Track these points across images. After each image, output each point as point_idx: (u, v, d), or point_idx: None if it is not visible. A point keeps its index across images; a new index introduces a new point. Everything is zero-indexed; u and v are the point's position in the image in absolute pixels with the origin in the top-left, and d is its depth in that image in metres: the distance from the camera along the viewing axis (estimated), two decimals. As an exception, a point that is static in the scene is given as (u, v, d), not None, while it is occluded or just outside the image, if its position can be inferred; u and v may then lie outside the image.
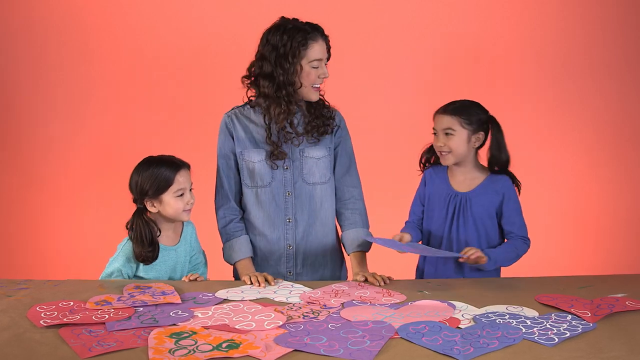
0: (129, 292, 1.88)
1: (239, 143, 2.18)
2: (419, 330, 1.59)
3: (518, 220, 2.18)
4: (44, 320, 1.64)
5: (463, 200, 2.19)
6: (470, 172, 2.22)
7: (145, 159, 2.11)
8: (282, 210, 2.18)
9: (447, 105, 2.19)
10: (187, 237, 2.19)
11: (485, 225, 2.19)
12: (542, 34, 3.62)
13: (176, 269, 2.16)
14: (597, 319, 1.66)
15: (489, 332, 1.57)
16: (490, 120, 2.18)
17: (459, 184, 2.23)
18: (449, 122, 2.16)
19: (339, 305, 1.81)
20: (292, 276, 2.23)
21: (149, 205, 2.08)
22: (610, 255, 3.69)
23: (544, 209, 3.65)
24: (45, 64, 3.68)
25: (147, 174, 2.05)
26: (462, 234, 2.19)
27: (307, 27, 2.09)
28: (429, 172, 2.31)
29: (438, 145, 2.19)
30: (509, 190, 2.17)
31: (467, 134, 2.16)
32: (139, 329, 1.60)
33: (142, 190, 2.05)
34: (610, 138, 3.68)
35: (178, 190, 2.07)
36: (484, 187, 2.19)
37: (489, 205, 2.17)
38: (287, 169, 2.17)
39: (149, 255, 2.05)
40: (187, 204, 2.09)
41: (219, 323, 1.64)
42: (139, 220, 2.06)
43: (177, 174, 2.07)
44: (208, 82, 3.63)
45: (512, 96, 3.64)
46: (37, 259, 3.76)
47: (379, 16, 3.63)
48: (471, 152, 2.20)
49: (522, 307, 1.78)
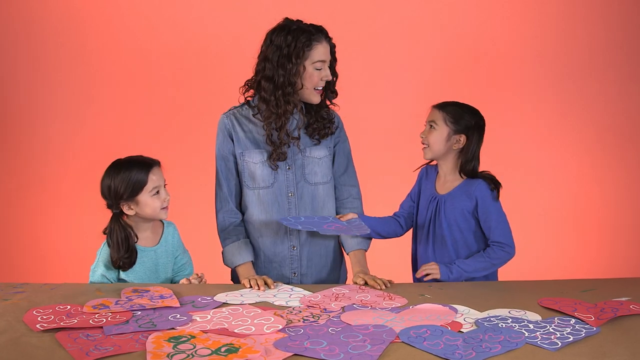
0: (127, 296, 1.87)
1: (239, 144, 2.17)
2: (421, 334, 1.58)
3: (495, 224, 2.12)
4: (41, 324, 1.63)
5: (440, 202, 2.20)
6: (449, 174, 2.23)
7: (113, 162, 2.09)
8: (285, 211, 2.17)
9: (446, 102, 2.21)
10: (167, 237, 2.18)
11: (460, 228, 2.17)
12: (543, 34, 3.62)
13: (158, 270, 2.14)
14: (601, 323, 1.65)
15: (491, 336, 1.57)
16: (476, 127, 2.16)
17: (440, 186, 2.24)
18: (435, 115, 2.18)
19: (339, 309, 1.80)
20: (296, 277, 2.22)
21: (126, 209, 2.06)
22: (614, 258, 3.69)
23: (544, 211, 3.65)
24: (45, 65, 3.67)
25: (119, 177, 2.03)
26: (438, 236, 2.20)
27: (312, 28, 2.08)
28: (423, 170, 2.33)
29: (421, 136, 2.22)
30: (483, 194, 2.13)
31: (448, 132, 2.16)
32: (137, 333, 1.59)
33: (117, 194, 2.03)
34: (611, 139, 3.68)
35: (153, 189, 2.06)
36: (457, 191, 2.18)
37: (462, 209, 2.16)
38: (289, 169, 2.17)
39: (125, 262, 2.04)
40: (163, 201, 2.08)
41: (217, 327, 1.63)
42: (116, 226, 2.05)
43: (150, 173, 2.06)
44: (208, 83, 3.62)
45: (512, 97, 3.64)
46: (36, 261, 3.75)
47: (378, 17, 3.63)
48: (451, 153, 2.19)
49: (525, 310, 1.77)
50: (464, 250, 2.17)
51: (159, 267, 2.14)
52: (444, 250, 2.18)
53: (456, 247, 2.17)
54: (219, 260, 2.23)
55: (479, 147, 2.18)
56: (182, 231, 2.25)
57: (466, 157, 2.16)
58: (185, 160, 3.55)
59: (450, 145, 2.17)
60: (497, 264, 2.12)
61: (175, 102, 3.69)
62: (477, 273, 2.12)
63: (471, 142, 2.16)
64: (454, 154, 2.19)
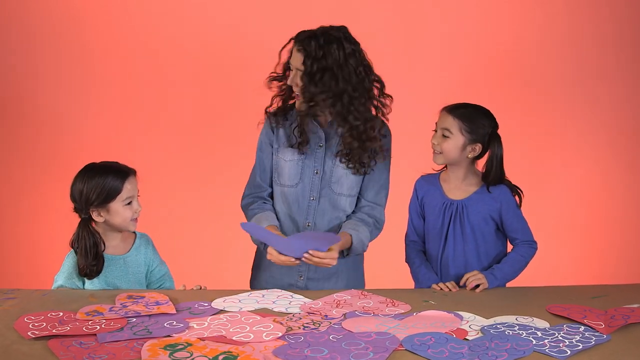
0: (122, 302, 1.87)
1: (277, 139, 2.21)
2: (425, 341, 1.58)
3: (520, 225, 2.19)
4: (32, 332, 1.63)
5: (459, 207, 2.19)
6: (466, 178, 2.22)
7: (87, 166, 2.08)
8: (303, 213, 2.19)
9: (457, 105, 2.18)
10: (140, 248, 2.16)
11: (483, 233, 2.19)
12: (551, 38, 3.63)
13: (128, 280, 2.11)
14: (612, 331, 1.65)
15: (497, 344, 1.57)
16: (492, 135, 2.16)
17: (453, 191, 2.22)
18: (449, 124, 2.15)
19: (340, 315, 1.80)
20: (302, 281, 2.22)
21: (95, 215, 2.05)
22: (624, 264, 3.68)
23: (553, 216, 3.65)
24: (41, 66, 3.67)
25: (93, 182, 2.02)
26: (458, 244, 2.19)
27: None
28: (419, 182, 2.31)
29: (433, 142, 2.19)
30: (507, 197, 2.17)
31: (464, 141, 2.15)
32: (132, 340, 1.59)
33: (88, 199, 2.02)
34: (623, 143, 3.68)
35: (127, 198, 2.05)
36: (480, 194, 2.18)
37: (486, 213, 2.17)
38: (317, 174, 2.18)
39: (92, 269, 2.03)
40: (134, 212, 2.08)
41: (215, 334, 1.63)
42: (84, 232, 2.04)
43: (126, 182, 2.05)
44: (208, 83, 3.62)
45: (521, 101, 3.63)
46: (27, 266, 3.75)
47: (380, 16, 3.63)
48: (465, 160, 2.19)
49: (533, 317, 1.77)
50: (483, 255, 2.19)
51: (129, 275, 2.12)
52: (470, 254, 2.20)
53: (478, 251, 2.19)
54: (218, 265, 2.22)
55: (501, 152, 2.15)
56: (158, 243, 2.25)
57: (490, 166, 2.16)
58: (184, 161, 3.57)
59: (465, 154, 2.17)
60: (528, 262, 2.19)
61: (175, 103, 3.68)
62: (516, 274, 2.17)
63: (491, 151, 2.15)
64: (469, 160, 2.19)
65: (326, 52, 2.04)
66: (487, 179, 2.18)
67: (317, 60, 2.04)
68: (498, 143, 2.16)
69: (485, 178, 2.19)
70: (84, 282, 2.07)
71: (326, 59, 2.03)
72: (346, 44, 2.05)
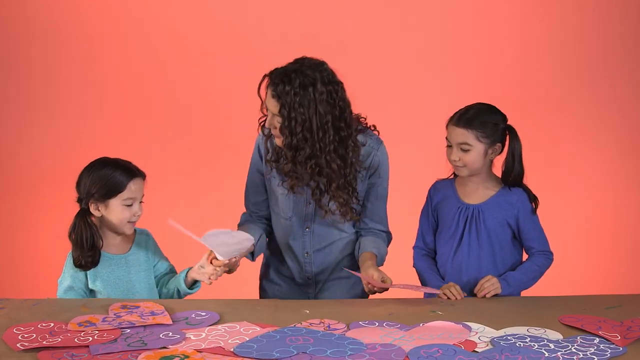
0: (115, 312, 1.85)
1: (267, 169, 2.17)
2: (432, 354, 1.56)
3: (537, 234, 2.19)
4: (22, 343, 1.61)
5: (475, 212, 2.17)
6: (483, 182, 2.20)
7: (100, 158, 2.10)
8: (299, 244, 2.20)
9: (461, 114, 2.14)
10: (140, 245, 2.16)
11: (499, 240, 2.17)
12: (560, 41, 3.62)
13: (131, 280, 2.11)
14: (628, 343, 1.63)
15: (508, 356, 1.55)
16: (507, 129, 2.15)
17: (469, 196, 2.21)
18: (464, 136, 2.11)
19: (344, 326, 1.78)
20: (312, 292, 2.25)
21: (93, 208, 2.06)
22: (639, 273, 3.66)
23: (565, 224, 3.63)
24: (37, 65, 3.68)
25: (99, 174, 2.04)
26: (473, 249, 2.17)
27: None
28: (434, 187, 2.30)
29: (452, 159, 2.15)
30: (525, 204, 2.16)
31: (484, 147, 2.13)
32: (126, 352, 1.57)
33: (90, 190, 2.04)
34: (635, 150, 3.67)
35: (128, 198, 2.05)
36: (497, 199, 2.17)
37: (503, 219, 2.16)
38: (309, 205, 2.15)
39: (88, 260, 2.03)
40: (133, 215, 2.07)
41: (213, 345, 1.62)
42: (81, 222, 2.05)
43: (131, 182, 2.05)
44: (208, 84, 3.63)
45: (529, 106, 3.62)
46: (17, 275, 3.74)
47: (384, 19, 3.63)
48: (486, 164, 2.18)
49: (545, 329, 1.75)
50: (499, 262, 2.18)
51: (132, 275, 2.11)
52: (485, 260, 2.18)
53: (494, 258, 2.17)
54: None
55: (520, 145, 2.13)
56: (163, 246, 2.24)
57: (510, 161, 2.14)
58: (183, 162, 3.57)
59: (488, 158, 2.16)
60: (544, 272, 2.18)
61: (175, 104, 3.68)
62: (530, 283, 2.17)
63: (509, 145, 2.13)
64: (488, 162, 2.18)
65: (302, 99, 1.95)
66: (508, 177, 2.16)
67: (293, 109, 1.95)
68: (514, 136, 2.14)
69: (505, 177, 2.17)
70: (86, 276, 2.06)
71: (302, 108, 1.95)
72: (321, 86, 1.96)
